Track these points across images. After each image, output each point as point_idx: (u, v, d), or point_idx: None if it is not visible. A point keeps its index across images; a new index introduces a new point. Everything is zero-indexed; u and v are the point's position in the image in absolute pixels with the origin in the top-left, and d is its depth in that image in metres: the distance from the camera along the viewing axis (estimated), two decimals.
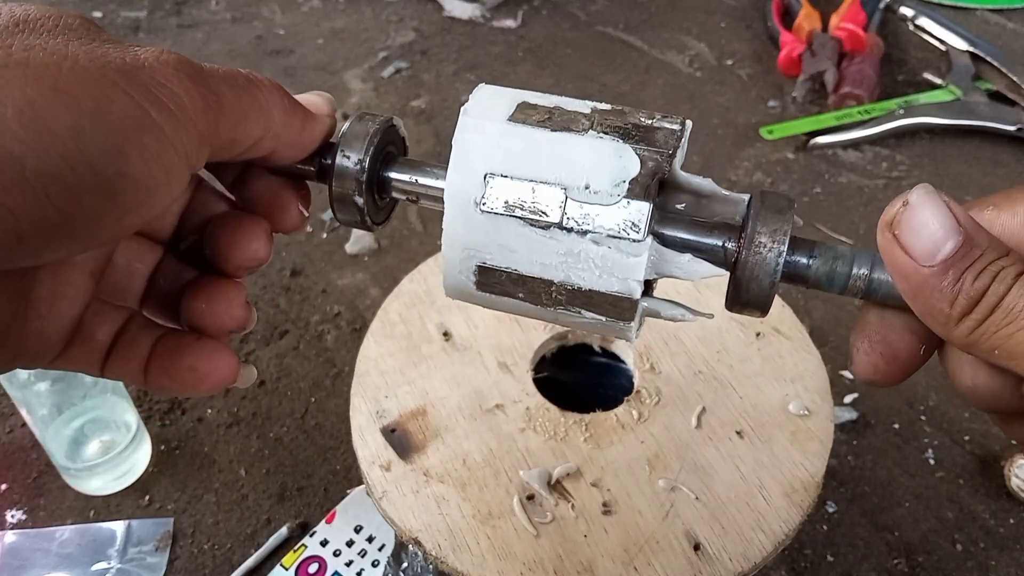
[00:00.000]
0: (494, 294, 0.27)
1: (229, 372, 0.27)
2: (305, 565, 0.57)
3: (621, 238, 0.25)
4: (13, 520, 0.60)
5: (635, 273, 0.25)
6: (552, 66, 1.03)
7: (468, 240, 0.27)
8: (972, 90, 0.95)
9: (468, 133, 0.27)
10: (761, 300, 0.26)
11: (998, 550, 0.57)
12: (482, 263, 0.27)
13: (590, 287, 0.26)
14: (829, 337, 0.70)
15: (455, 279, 0.28)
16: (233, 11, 1.15)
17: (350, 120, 0.28)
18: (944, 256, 0.23)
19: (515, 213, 0.26)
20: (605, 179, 0.25)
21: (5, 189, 0.19)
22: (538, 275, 0.26)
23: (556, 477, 0.42)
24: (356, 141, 0.28)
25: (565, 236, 0.26)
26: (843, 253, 0.26)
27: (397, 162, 0.29)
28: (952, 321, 0.23)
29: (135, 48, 0.22)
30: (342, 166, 0.28)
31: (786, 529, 0.40)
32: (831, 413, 0.45)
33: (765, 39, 1.07)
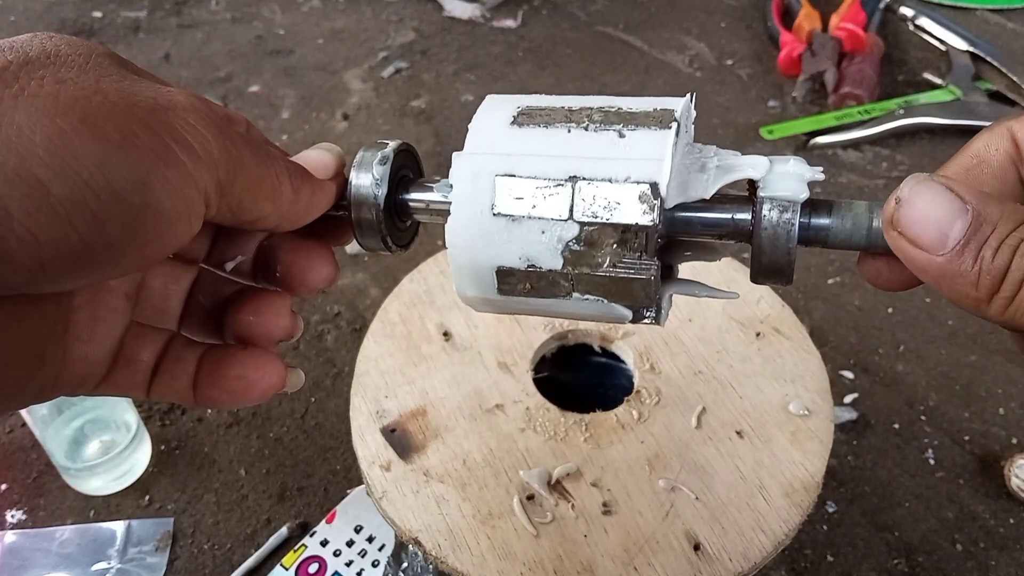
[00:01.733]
0: (516, 295, 0.28)
1: (278, 378, 0.28)
2: (305, 565, 0.57)
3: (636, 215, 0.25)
4: (13, 520, 0.60)
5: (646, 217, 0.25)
6: (552, 66, 1.03)
7: (484, 246, 0.27)
8: (972, 90, 0.95)
9: (474, 137, 0.27)
10: (782, 267, 0.25)
11: (998, 550, 0.57)
12: (501, 266, 0.27)
13: (607, 274, 0.26)
14: (829, 337, 0.70)
15: (475, 288, 0.28)
16: (233, 11, 1.15)
17: (362, 150, 0.29)
18: (955, 239, 0.22)
19: (528, 212, 0.26)
20: (615, 168, 0.26)
21: (30, 214, 0.19)
22: (556, 267, 0.26)
23: (556, 477, 0.42)
24: (370, 168, 0.28)
25: (577, 226, 0.26)
26: (860, 207, 0.25)
27: (414, 184, 0.30)
28: (983, 302, 0.22)
29: (167, 89, 0.23)
30: (359, 195, 0.28)
31: (786, 529, 0.40)
32: (831, 413, 0.45)
33: (765, 39, 1.07)
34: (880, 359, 0.69)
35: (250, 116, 0.96)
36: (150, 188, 0.21)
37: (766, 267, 0.26)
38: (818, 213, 0.25)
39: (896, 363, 0.69)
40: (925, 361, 0.69)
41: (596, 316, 0.28)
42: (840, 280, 0.76)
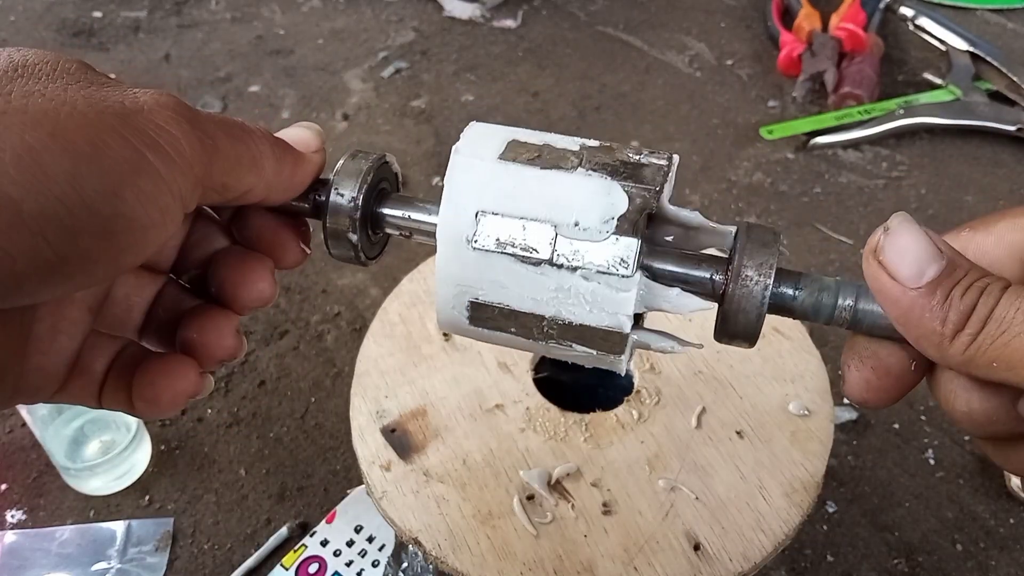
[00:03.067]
0: (487, 328, 0.28)
1: (188, 384, 0.27)
2: (305, 565, 0.57)
3: (610, 274, 0.26)
4: (13, 520, 0.60)
5: (624, 308, 0.26)
6: (552, 66, 1.03)
7: (461, 277, 0.27)
8: (972, 90, 0.95)
9: (459, 172, 0.27)
10: (749, 332, 0.26)
11: (998, 550, 0.57)
12: (475, 299, 0.27)
13: (581, 322, 0.27)
14: (829, 337, 0.70)
15: (448, 314, 0.28)
16: (233, 11, 1.15)
17: (344, 158, 0.29)
18: (930, 277, 0.23)
19: (506, 250, 0.26)
20: (594, 216, 0.26)
21: (2, 232, 0.19)
22: (529, 310, 0.27)
23: (556, 477, 0.42)
24: (350, 178, 0.28)
25: (556, 272, 0.26)
26: (828, 284, 0.26)
27: (390, 198, 0.30)
28: (946, 340, 0.23)
29: (133, 91, 0.23)
30: (336, 203, 0.28)
31: (786, 529, 0.40)
32: (831, 413, 0.45)
33: (765, 39, 1.07)
34: None
35: (250, 116, 0.96)
36: (123, 199, 0.21)
37: (732, 330, 0.27)
38: (788, 284, 0.26)
39: None
40: None
41: (566, 358, 0.29)
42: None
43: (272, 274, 0.28)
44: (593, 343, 0.27)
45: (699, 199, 0.83)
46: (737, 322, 0.26)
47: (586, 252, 0.26)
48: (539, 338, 0.28)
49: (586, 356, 0.28)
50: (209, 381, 0.29)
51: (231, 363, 0.29)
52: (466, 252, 0.27)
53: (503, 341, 0.29)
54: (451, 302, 0.28)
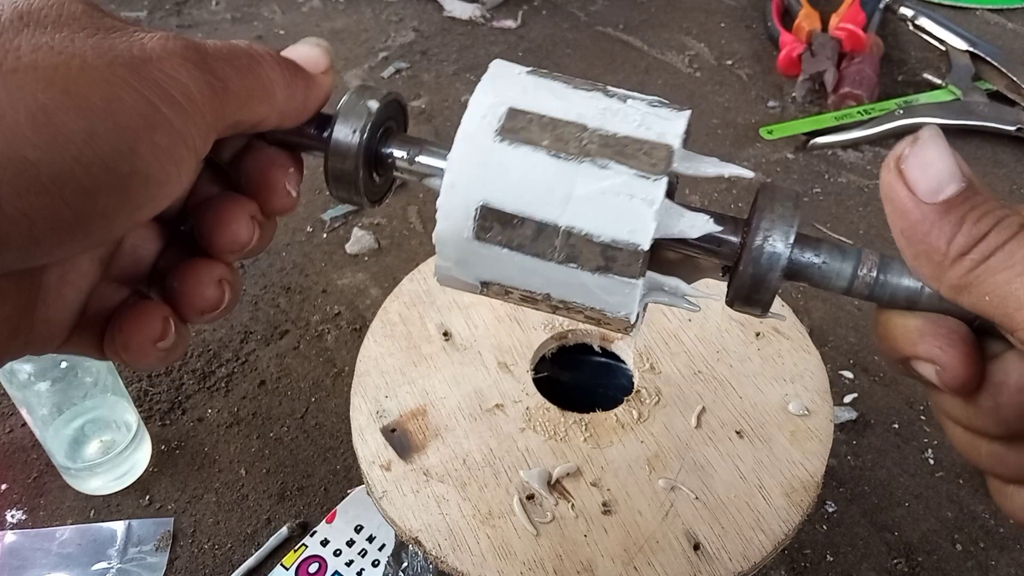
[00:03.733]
0: (494, 245, 0.26)
1: (153, 331, 0.26)
2: (305, 565, 0.57)
3: (642, 174, 0.25)
4: (13, 520, 0.60)
5: (646, 216, 0.24)
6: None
7: (477, 181, 0.25)
8: (972, 90, 0.95)
9: (489, 80, 0.27)
10: (764, 297, 0.25)
11: (998, 550, 0.57)
12: (485, 203, 0.25)
13: (599, 232, 0.25)
14: (829, 337, 0.70)
15: (452, 232, 0.26)
16: (233, 11, 1.15)
17: (349, 92, 0.28)
18: (947, 196, 0.23)
19: (541, 143, 0.25)
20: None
21: (21, 195, 0.19)
22: (544, 218, 0.25)
23: (556, 477, 0.42)
24: (354, 115, 0.27)
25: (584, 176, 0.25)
26: (849, 251, 0.25)
27: (397, 138, 0.28)
28: (947, 260, 0.23)
29: (140, 35, 0.22)
30: (339, 141, 0.27)
31: (786, 529, 0.40)
32: (831, 413, 0.45)
33: (765, 39, 1.07)
34: (880, 359, 0.69)
35: None
36: (139, 156, 0.21)
37: (746, 294, 0.25)
38: (808, 249, 0.25)
39: None
40: None
41: (579, 299, 0.26)
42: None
43: (250, 217, 0.27)
44: (609, 260, 0.25)
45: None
46: (753, 286, 0.25)
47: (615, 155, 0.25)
48: (551, 257, 0.26)
49: (600, 285, 0.26)
50: (180, 331, 0.27)
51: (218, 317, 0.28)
52: (491, 147, 0.26)
53: (509, 267, 0.26)
54: (461, 216, 0.26)
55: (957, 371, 0.23)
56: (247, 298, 0.75)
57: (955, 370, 0.23)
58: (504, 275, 0.27)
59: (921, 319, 0.24)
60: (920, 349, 0.24)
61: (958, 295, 0.23)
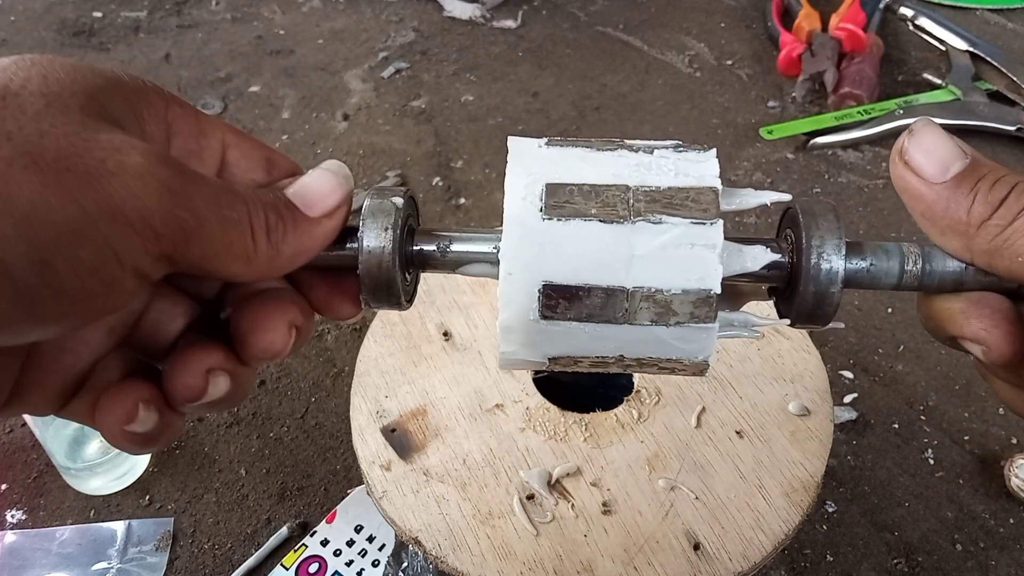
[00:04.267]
0: (565, 320, 0.26)
1: (123, 414, 0.24)
2: (305, 565, 0.57)
3: (696, 223, 0.25)
4: (13, 520, 0.60)
5: (711, 260, 0.25)
6: (552, 66, 1.03)
7: (535, 263, 0.25)
8: (972, 90, 0.95)
9: (516, 157, 0.26)
10: (827, 311, 0.26)
11: (998, 550, 0.57)
12: (548, 282, 0.25)
13: (669, 288, 0.25)
14: (829, 337, 0.70)
15: (519, 319, 0.26)
16: (233, 11, 1.15)
17: (366, 200, 0.27)
18: (955, 172, 0.24)
19: (590, 211, 0.25)
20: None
21: None
22: (610, 284, 0.25)
23: (556, 477, 0.42)
24: (379, 224, 0.26)
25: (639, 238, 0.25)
26: (892, 250, 0.26)
27: (420, 233, 0.28)
28: (971, 228, 0.23)
29: (128, 145, 0.20)
30: (369, 253, 0.26)
31: (786, 529, 0.40)
32: (831, 413, 0.45)
33: (765, 39, 1.07)
34: (880, 359, 0.69)
35: (250, 116, 0.96)
36: (53, 270, 0.19)
37: (809, 310, 0.26)
38: (855, 256, 0.26)
39: (896, 363, 0.69)
40: (925, 361, 0.69)
41: (654, 353, 0.26)
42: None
43: (288, 326, 0.25)
44: (680, 309, 0.25)
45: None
46: (816, 303, 0.25)
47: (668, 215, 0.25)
48: (623, 320, 0.25)
49: (676, 336, 0.26)
50: (165, 417, 0.25)
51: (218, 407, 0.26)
52: (536, 226, 0.25)
53: (581, 342, 0.26)
54: (522, 305, 0.26)
55: (1003, 350, 0.24)
56: None
57: (1000, 349, 0.24)
58: (574, 347, 0.26)
59: (964, 301, 0.25)
60: (966, 331, 0.25)
61: (992, 261, 0.24)
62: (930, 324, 0.26)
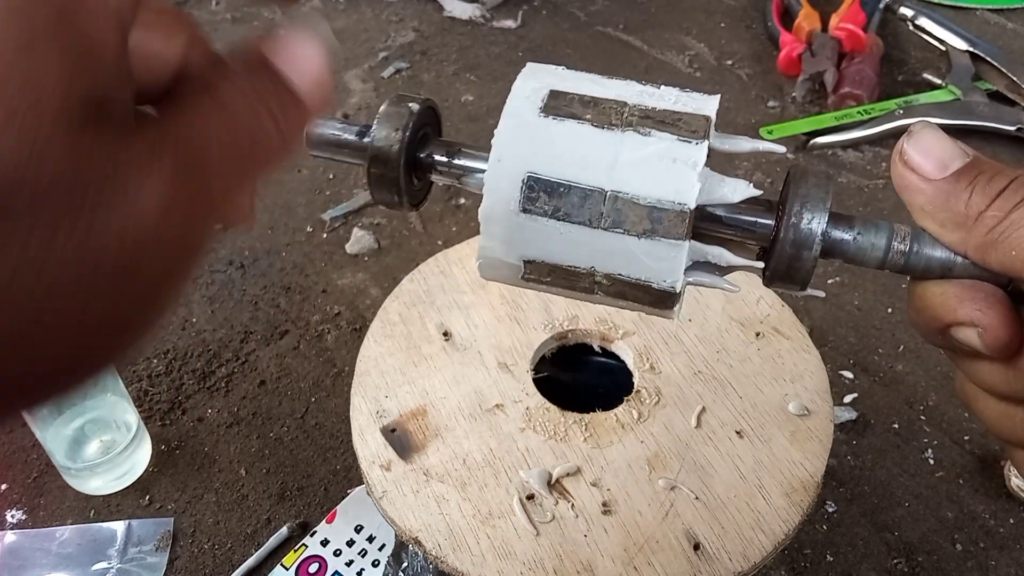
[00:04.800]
0: (544, 216, 0.27)
1: None
2: (305, 565, 0.57)
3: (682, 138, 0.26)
4: (13, 520, 0.60)
5: (690, 177, 0.26)
6: None
7: (524, 153, 0.26)
8: (972, 90, 0.95)
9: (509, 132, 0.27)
10: (801, 274, 0.26)
11: (998, 550, 0.57)
12: (532, 174, 0.27)
13: (645, 195, 0.26)
14: (829, 337, 0.70)
15: (501, 208, 0.27)
16: (233, 11, 1.15)
17: (386, 102, 0.29)
18: (955, 168, 0.24)
19: (584, 116, 0.27)
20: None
21: None
22: (591, 184, 0.26)
23: (556, 477, 0.42)
24: (392, 123, 0.28)
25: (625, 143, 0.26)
26: (882, 225, 0.26)
27: (433, 143, 0.30)
28: (969, 220, 0.23)
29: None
30: (378, 148, 0.28)
31: (786, 529, 0.40)
32: (831, 413, 0.45)
33: (765, 39, 1.07)
34: (880, 359, 0.69)
35: None
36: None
37: (784, 272, 0.26)
38: (842, 224, 0.26)
39: (896, 363, 0.69)
40: (925, 361, 0.69)
41: (624, 270, 0.27)
42: (840, 280, 0.76)
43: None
44: (656, 222, 0.26)
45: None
46: (791, 264, 0.26)
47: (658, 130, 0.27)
48: (597, 223, 0.26)
49: (646, 251, 0.26)
50: None
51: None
52: (533, 121, 0.27)
53: (553, 237, 0.27)
54: (505, 193, 0.27)
55: (999, 331, 0.24)
56: (247, 298, 0.75)
57: (997, 330, 0.24)
58: (549, 250, 0.27)
59: (958, 285, 0.25)
60: (960, 314, 0.24)
61: (986, 255, 0.24)
62: (922, 314, 0.26)
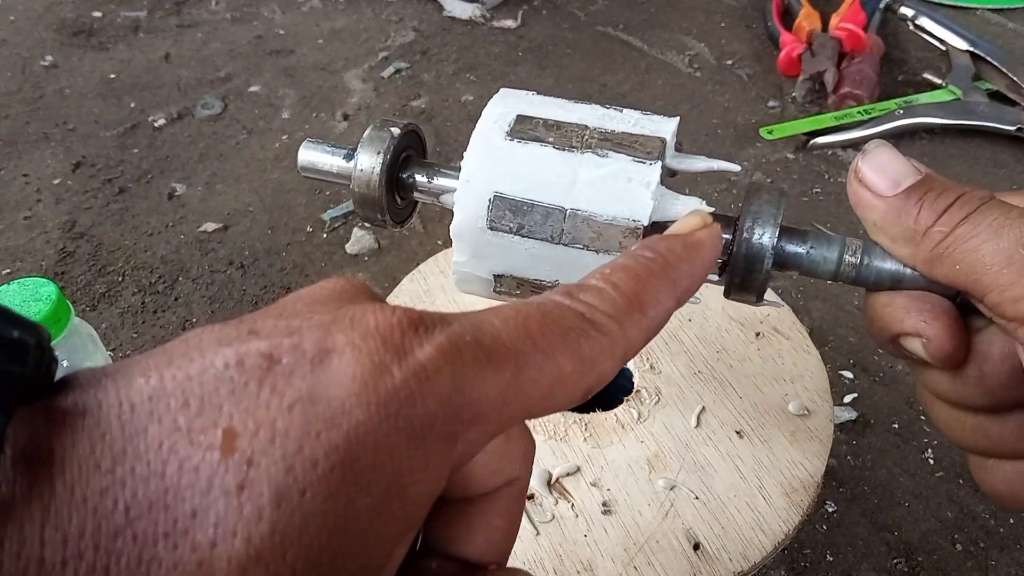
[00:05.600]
0: (509, 232, 0.28)
1: None
2: None
3: (638, 159, 0.28)
4: None
5: (644, 195, 0.27)
6: (552, 66, 1.03)
7: (491, 174, 0.28)
8: (972, 90, 0.95)
9: (478, 155, 0.29)
10: (755, 285, 0.27)
11: (998, 550, 0.57)
12: (498, 193, 0.29)
13: (602, 212, 0.28)
14: (829, 337, 0.70)
15: (470, 225, 0.29)
16: (233, 11, 1.15)
17: (370, 127, 0.31)
18: (906, 186, 0.25)
19: (547, 139, 0.28)
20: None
21: None
22: (552, 203, 0.28)
23: (556, 477, 0.42)
24: (374, 146, 0.30)
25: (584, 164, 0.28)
26: (834, 239, 0.27)
27: (415, 164, 0.32)
28: (917, 235, 0.24)
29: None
30: (361, 170, 0.30)
31: (786, 529, 0.40)
32: (831, 413, 0.45)
33: (765, 39, 1.07)
34: (880, 359, 0.69)
35: (250, 116, 0.96)
36: None
37: (740, 284, 0.28)
38: (795, 238, 0.28)
39: (896, 363, 0.69)
40: None
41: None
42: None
43: None
44: (612, 239, 0.28)
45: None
46: (744, 276, 0.27)
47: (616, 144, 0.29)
48: (558, 240, 0.28)
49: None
50: None
51: None
52: (500, 145, 0.29)
53: (519, 253, 0.29)
54: (474, 211, 0.29)
55: (943, 341, 0.25)
56: (247, 298, 0.75)
57: (940, 340, 0.25)
58: (516, 264, 0.29)
59: (906, 297, 0.26)
60: (907, 324, 0.25)
61: (933, 268, 0.24)
62: (874, 325, 0.27)
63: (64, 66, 1.04)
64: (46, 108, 0.96)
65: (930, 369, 0.26)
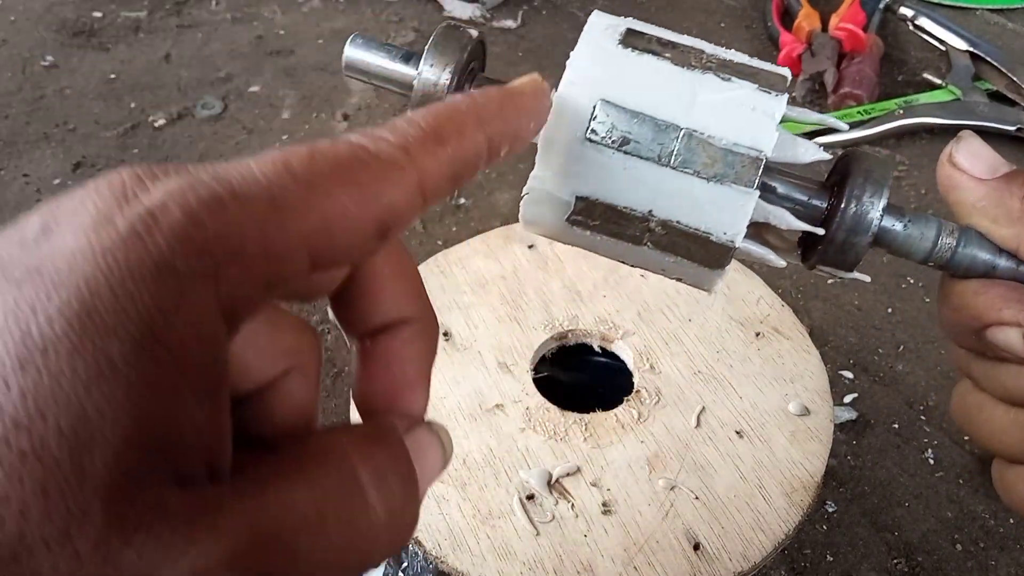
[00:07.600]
0: (610, 147, 0.26)
1: None
2: None
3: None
4: None
5: (769, 125, 0.25)
6: (552, 66, 1.03)
7: (600, 79, 0.26)
8: (972, 90, 0.95)
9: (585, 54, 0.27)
10: (851, 258, 0.26)
11: (998, 550, 0.57)
12: (606, 99, 0.26)
13: (721, 136, 0.25)
14: (829, 337, 0.70)
15: (565, 135, 0.26)
16: (233, 11, 1.15)
17: (435, 33, 0.27)
18: (1004, 171, 0.25)
19: (663, 54, 0.26)
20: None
21: None
22: (666, 119, 0.25)
23: (556, 477, 0.42)
24: (441, 56, 0.27)
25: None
26: (931, 220, 0.26)
27: (479, 79, 0.29)
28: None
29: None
30: (426, 81, 0.27)
31: (786, 529, 0.40)
32: (831, 413, 0.45)
33: (765, 39, 1.07)
34: (880, 359, 0.69)
35: (250, 116, 0.96)
36: None
37: (835, 257, 0.26)
38: (894, 213, 0.26)
39: (896, 363, 0.69)
40: (925, 361, 0.69)
41: (684, 217, 0.26)
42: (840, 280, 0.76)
43: None
44: (727, 166, 0.25)
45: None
46: (843, 248, 0.26)
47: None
48: (666, 161, 0.25)
49: (711, 198, 0.25)
50: None
51: None
52: (611, 49, 0.27)
53: (616, 172, 0.26)
54: (573, 119, 0.26)
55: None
56: None
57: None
58: (608, 187, 0.26)
59: (1004, 286, 0.25)
60: (1006, 314, 0.24)
61: None
62: (959, 313, 0.26)
63: (64, 66, 1.04)
64: (46, 108, 0.96)
65: (1005, 365, 0.25)
